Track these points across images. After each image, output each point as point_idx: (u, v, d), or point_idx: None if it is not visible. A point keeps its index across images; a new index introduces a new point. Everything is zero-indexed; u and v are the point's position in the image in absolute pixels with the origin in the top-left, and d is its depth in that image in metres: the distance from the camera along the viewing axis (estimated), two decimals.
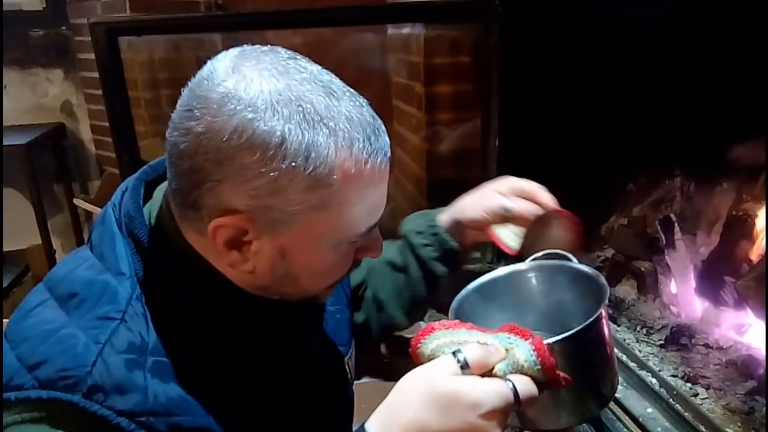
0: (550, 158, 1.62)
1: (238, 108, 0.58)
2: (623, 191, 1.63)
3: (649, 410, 1.08)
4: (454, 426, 0.59)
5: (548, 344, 0.64)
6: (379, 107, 0.66)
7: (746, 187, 1.26)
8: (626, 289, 1.46)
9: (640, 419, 1.06)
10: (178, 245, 0.67)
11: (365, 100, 0.65)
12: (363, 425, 0.62)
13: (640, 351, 1.21)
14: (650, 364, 1.16)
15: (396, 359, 1.43)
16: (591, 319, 0.71)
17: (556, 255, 0.84)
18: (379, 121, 0.65)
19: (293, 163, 0.58)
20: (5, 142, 2.61)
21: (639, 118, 1.45)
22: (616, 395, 0.97)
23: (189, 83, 0.62)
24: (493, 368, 0.63)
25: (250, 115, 0.57)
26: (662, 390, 1.09)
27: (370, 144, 0.62)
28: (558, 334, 0.67)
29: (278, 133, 0.57)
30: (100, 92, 1.83)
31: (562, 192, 0.87)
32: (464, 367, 0.61)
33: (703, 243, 1.34)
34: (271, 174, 0.58)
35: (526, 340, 0.64)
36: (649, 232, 1.49)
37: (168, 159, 0.64)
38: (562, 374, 0.65)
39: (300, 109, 0.58)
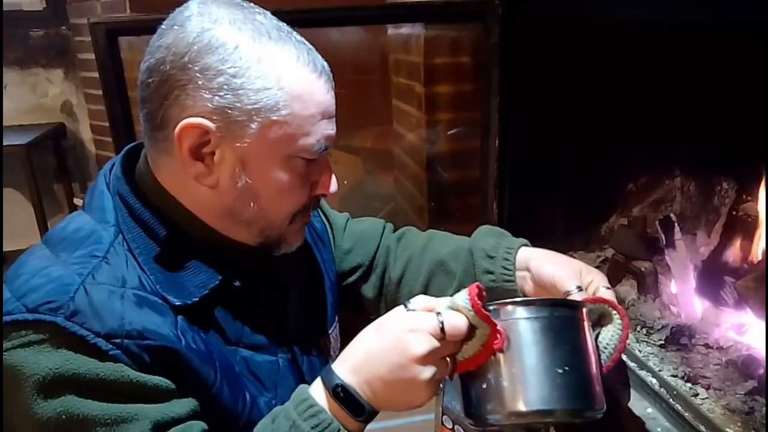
0: (550, 158, 1.63)
1: (201, 21, 0.70)
2: (623, 191, 1.63)
3: (649, 410, 1.08)
4: (388, 342, 0.67)
5: (481, 287, 0.68)
6: (379, 107, 0.68)
7: (746, 187, 1.26)
8: (626, 289, 1.46)
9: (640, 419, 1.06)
10: (153, 195, 0.77)
11: None
12: (330, 365, 0.71)
13: (640, 351, 1.21)
14: (650, 364, 1.16)
15: None
16: (554, 299, 0.75)
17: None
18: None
19: (247, 64, 0.70)
20: (5, 142, 2.62)
21: (639, 117, 1.45)
22: None
23: None
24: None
25: (210, 25, 0.70)
26: (662, 390, 1.09)
27: (314, 63, 0.74)
28: None
29: (234, 39, 0.70)
30: (100, 92, 1.82)
31: (563, 192, 0.87)
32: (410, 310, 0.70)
33: (703, 243, 1.34)
34: (229, 70, 0.69)
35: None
36: (649, 232, 1.49)
37: (140, 90, 0.74)
38: (498, 325, 0.67)
39: (254, 27, 0.72)
